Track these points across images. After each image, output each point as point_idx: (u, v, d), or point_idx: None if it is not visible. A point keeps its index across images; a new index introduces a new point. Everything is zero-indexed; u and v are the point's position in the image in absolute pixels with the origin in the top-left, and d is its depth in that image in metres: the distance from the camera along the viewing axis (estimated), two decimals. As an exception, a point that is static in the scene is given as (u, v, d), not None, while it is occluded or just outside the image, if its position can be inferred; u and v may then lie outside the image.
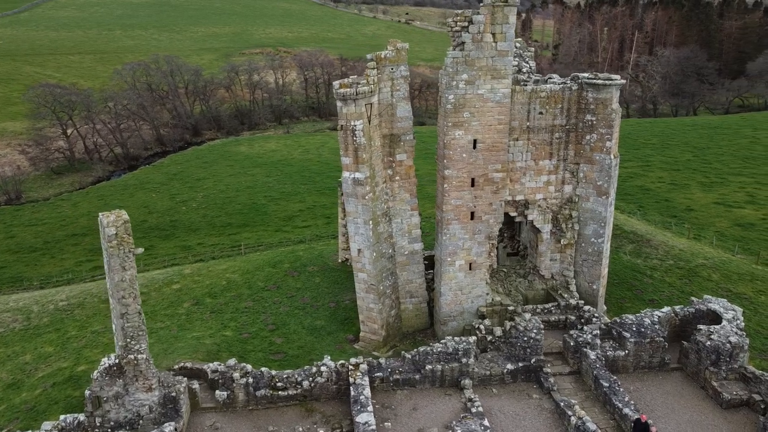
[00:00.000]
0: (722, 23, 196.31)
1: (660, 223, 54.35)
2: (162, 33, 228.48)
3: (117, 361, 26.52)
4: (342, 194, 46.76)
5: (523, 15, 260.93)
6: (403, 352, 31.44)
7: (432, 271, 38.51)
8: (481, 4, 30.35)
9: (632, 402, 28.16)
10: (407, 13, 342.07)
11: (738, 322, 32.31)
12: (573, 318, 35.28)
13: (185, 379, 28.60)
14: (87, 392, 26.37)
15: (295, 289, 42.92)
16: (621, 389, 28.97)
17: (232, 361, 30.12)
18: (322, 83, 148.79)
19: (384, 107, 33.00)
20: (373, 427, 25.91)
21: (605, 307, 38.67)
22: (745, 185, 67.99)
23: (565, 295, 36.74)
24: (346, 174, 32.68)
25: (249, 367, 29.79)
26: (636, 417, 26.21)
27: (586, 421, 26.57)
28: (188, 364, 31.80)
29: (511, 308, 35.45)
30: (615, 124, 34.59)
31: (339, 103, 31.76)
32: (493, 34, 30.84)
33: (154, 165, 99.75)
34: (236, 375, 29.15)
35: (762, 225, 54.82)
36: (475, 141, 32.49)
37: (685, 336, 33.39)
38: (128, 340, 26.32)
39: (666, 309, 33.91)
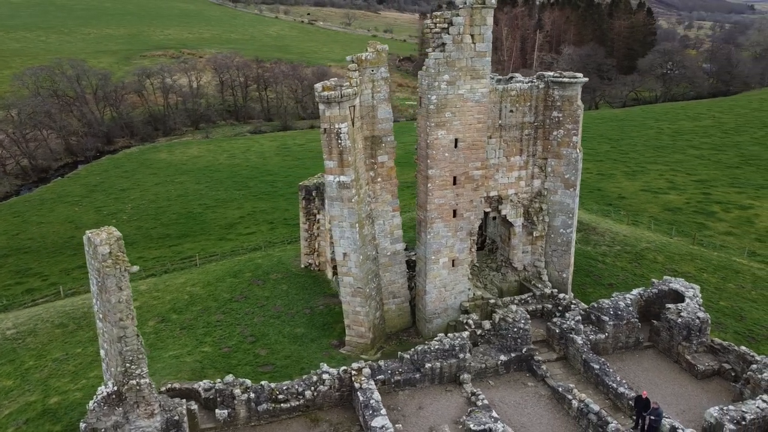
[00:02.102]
0: (612, 23, 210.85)
1: (599, 212, 57.76)
2: (50, 35, 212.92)
3: (115, 388, 24.71)
4: (303, 198, 46.33)
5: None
6: (400, 352, 31.48)
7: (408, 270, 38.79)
8: (461, 6, 30.95)
9: (624, 381, 29.91)
10: (309, 14, 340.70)
11: (697, 299, 35.05)
12: (550, 306, 36.79)
13: (184, 401, 27.12)
14: (82, 425, 24.32)
15: (264, 298, 41.78)
16: (610, 370, 30.67)
17: (229, 377, 28.89)
18: (239, 86, 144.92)
19: (365, 109, 32.87)
20: (391, 430, 25.78)
21: (572, 294, 40.62)
22: (663, 173, 73.75)
23: (539, 285, 38.25)
24: (330, 178, 32.21)
25: (248, 381, 28.72)
26: (635, 394, 27.85)
27: (588, 403, 27.86)
28: (176, 385, 30.07)
29: (492, 301, 36.46)
30: (579, 119, 36.46)
31: (322, 106, 31.27)
32: (472, 36, 31.58)
33: (68, 177, 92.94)
34: (237, 391, 28.01)
35: (687, 209, 59.74)
36: (456, 140, 33.11)
37: (650, 315, 35.81)
38: (128, 364, 24.62)
39: (635, 291, 36.12)
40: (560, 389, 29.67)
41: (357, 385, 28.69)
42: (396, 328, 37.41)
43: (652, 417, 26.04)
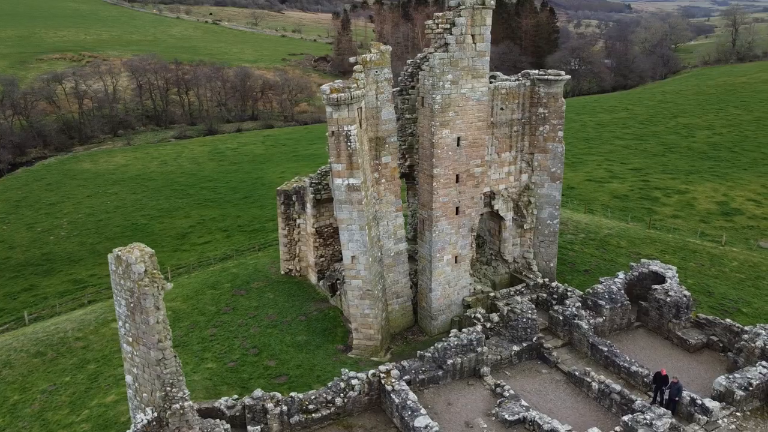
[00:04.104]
0: (520, 21, 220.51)
1: (555, 202, 60.37)
2: None
3: (155, 414, 23.25)
4: (282, 203, 45.30)
5: (341, 15, 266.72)
6: (419, 351, 31.58)
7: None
8: (462, 7, 31.49)
9: (634, 360, 31.72)
10: (211, 14, 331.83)
11: (676, 278, 37.72)
12: (545, 295, 38.21)
13: (219, 421, 25.93)
14: (121, 457, 22.79)
15: (254, 308, 40.57)
16: (618, 351, 32.41)
17: (258, 392, 27.87)
18: (157, 89, 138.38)
19: (369, 110, 32.69)
20: (436, 428, 25.92)
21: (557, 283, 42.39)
22: (600, 163, 78.31)
23: (530, 276, 39.64)
24: (338, 181, 31.77)
25: (279, 395, 27.89)
26: (647, 372, 29.64)
27: (609, 384, 29.33)
28: (195, 406, 28.68)
29: (492, 294, 37.41)
30: (563, 115, 38.15)
31: (329, 109, 30.77)
32: (473, 36, 32.26)
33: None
34: (270, 405, 27.14)
35: (633, 195, 63.88)
36: (458, 139, 33.70)
37: (632, 297, 38.06)
38: (168, 388, 23.25)
39: (621, 275, 38.27)
40: (577, 373, 31.01)
41: (389, 388, 28.59)
42: (399, 328, 37.52)
43: (673, 391, 27.87)
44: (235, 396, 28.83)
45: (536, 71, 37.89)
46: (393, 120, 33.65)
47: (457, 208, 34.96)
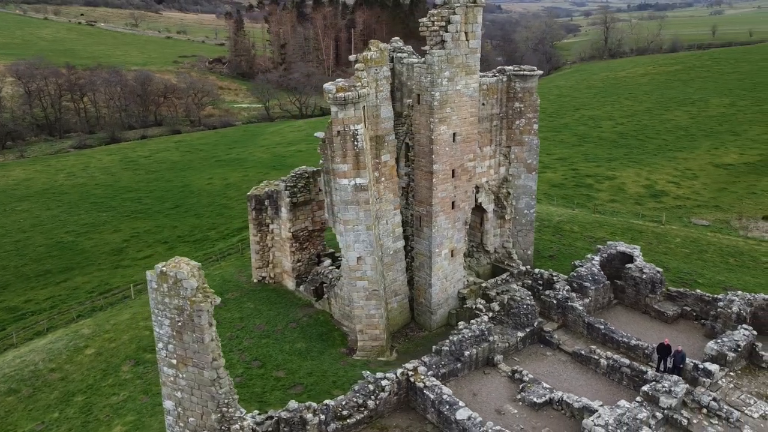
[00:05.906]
0: (417, 21, 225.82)
1: (501, 194, 62.80)
2: None
3: (212, 438, 21.81)
4: (254, 209, 43.71)
5: (235, 16, 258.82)
6: (434, 346, 31.92)
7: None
8: (456, 5, 32.07)
9: (631, 334, 33.95)
10: (82, 14, 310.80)
11: (641, 257, 40.76)
12: (530, 282, 39.81)
13: (264, 437, 24.78)
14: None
15: (238, 320, 38.95)
16: (614, 327, 34.55)
17: (293, 404, 26.87)
18: (48, 96, 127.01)
19: (370, 109, 32.43)
20: (480, 419, 26.36)
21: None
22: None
23: (513, 264, 41.16)
24: (344, 181, 31.28)
25: (314, 404, 27.07)
26: (646, 344, 31.90)
27: (617, 359, 31.22)
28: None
29: (483, 285, 38.44)
30: (538, 109, 39.93)
31: (334, 108, 30.23)
32: (466, 33, 32.97)
33: None
34: (309, 416, 26.30)
35: (568, 183, 67.83)
36: (454, 134, 34.29)
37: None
38: (224, 408, 21.89)
39: (596, 258, 40.69)
40: (583, 352, 32.70)
41: (420, 384, 28.64)
42: (398, 326, 37.56)
43: (678, 358, 30.20)
44: (256, 411, 27.65)
45: (511, 67, 39.32)
46: (391, 118, 33.62)
47: (453, 203, 35.57)
